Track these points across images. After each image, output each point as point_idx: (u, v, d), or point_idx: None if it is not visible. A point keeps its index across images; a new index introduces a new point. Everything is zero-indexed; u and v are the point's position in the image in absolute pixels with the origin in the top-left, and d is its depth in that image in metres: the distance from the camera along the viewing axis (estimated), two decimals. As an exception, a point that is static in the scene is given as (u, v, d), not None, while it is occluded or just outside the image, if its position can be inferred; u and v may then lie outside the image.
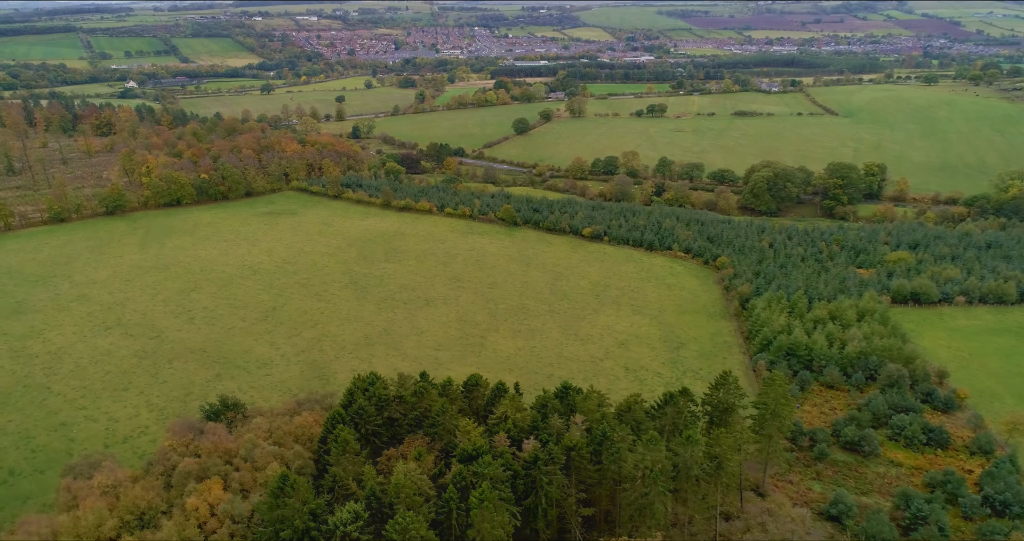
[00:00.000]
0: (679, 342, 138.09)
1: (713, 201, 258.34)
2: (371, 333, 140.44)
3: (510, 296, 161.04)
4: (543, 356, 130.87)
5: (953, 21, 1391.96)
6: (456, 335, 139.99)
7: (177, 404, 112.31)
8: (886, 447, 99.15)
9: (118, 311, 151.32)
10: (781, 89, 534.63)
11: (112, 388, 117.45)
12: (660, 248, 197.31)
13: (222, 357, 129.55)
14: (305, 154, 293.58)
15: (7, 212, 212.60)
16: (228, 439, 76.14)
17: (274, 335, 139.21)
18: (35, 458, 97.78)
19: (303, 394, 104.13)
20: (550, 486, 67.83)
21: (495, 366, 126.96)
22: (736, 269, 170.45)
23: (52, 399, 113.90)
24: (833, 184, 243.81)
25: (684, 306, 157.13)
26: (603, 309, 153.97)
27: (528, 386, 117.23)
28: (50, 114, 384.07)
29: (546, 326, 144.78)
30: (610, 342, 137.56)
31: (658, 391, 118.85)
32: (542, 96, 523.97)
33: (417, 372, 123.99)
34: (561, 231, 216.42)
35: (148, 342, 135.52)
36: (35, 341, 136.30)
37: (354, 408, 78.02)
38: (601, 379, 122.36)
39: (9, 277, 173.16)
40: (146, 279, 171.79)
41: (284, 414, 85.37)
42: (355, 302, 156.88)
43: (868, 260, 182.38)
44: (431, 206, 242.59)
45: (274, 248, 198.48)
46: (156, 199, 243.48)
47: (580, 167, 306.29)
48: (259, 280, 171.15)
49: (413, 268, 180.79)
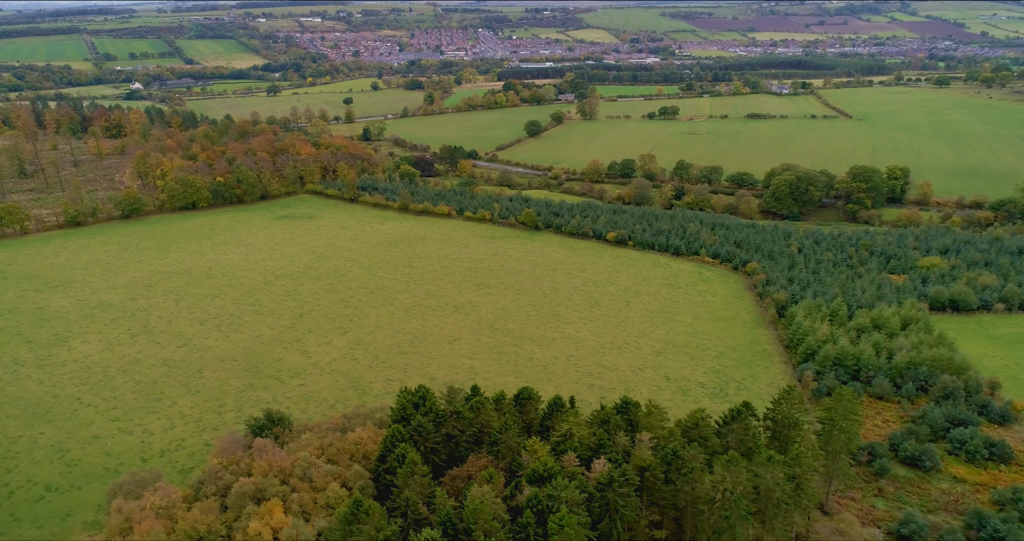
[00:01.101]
0: (717, 351, 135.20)
1: (734, 205, 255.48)
2: (402, 341, 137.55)
3: (540, 302, 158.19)
4: (581, 365, 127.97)
5: (957, 23, 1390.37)
6: (489, 343, 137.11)
7: (212, 415, 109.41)
8: (946, 462, 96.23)
9: (142, 318, 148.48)
10: (791, 91, 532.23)
11: (144, 399, 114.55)
12: (687, 253, 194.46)
13: (252, 366, 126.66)
14: (319, 157, 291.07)
15: (23, 216, 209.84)
16: (281, 457, 73.16)
17: (304, 343, 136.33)
18: (71, 473, 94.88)
19: (348, 407, 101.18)
20: (626, 509, 65.00)
21: (533, 376, 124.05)
22: (768, 275, 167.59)
23: (83, 410, 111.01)
24: (856, 188, 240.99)
25: (717, 313, 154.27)
26: (635, 316, 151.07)
27: (571, 397, 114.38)
28: (59, 116, 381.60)
29: (580, 334, 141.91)
30: (647, 350, 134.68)
31: (703, 402, 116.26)
32: (551, 98, 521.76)
33: (453, 382, 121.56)
34: (584, 235, 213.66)
35: (176, 350, 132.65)
36: (60, 349, 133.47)
37: (412, 425, 75.10)
38: (643, 389, 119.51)
39: (28, 282, 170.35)
40: (168, 285, 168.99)
41: (334, 429, 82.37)
42: (383, 309, 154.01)
43: (900, 266, 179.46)
44: (450, 210, 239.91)
45: (295, 253, 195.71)
46: (172, 203, 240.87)
47: (596, 170, 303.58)
48: (283, 286, 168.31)
49: (438, 274, 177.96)
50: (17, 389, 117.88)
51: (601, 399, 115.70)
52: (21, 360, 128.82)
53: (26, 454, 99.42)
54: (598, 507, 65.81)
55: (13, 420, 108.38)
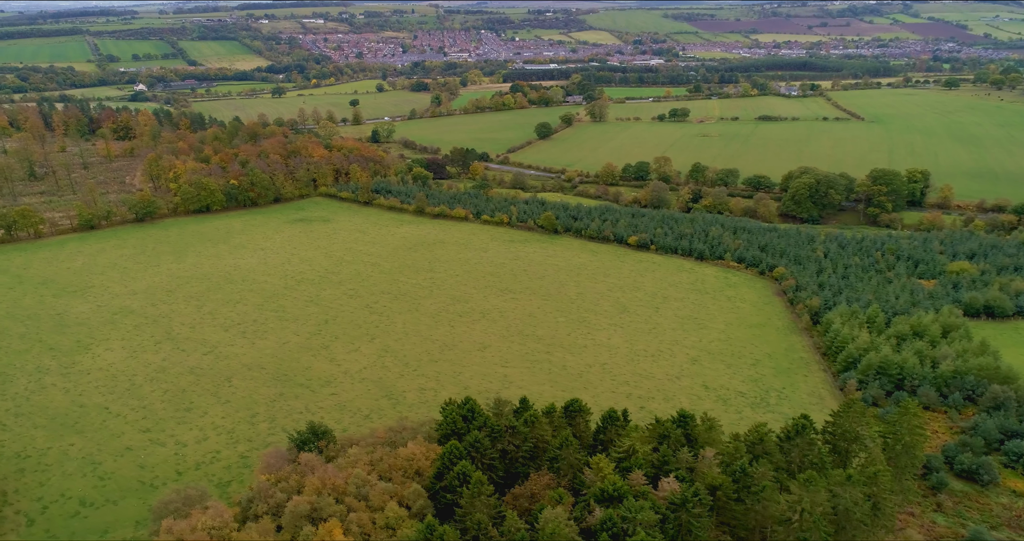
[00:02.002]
0: (753, 358, 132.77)
1: (752, 208, 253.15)
2: (432, 348, 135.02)
3: (568, 308, 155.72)
4: (616, 373, 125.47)
5: (959, 25, 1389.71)
6: (520, 351, 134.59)
7: (245, 426, 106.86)
8: (1003, 475, 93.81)
9: (165, 324, 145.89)
10: (800, 93, 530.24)
11: (173, 408, 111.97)
12: (711, 258, 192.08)
13: (282, 374, 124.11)
14: (332, 159, 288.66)
15: (37, 219, 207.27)
16: (333, 473, 70.60)
17: (332, 350, 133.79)
18: (105, 487, 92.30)
19: (385, 418, 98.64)
20: (700, 530, 62.60)
21: (568, 384, 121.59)
22: (798, 281, 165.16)
23: (112, 421, 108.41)
24: (877, 191, 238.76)
25: (748, 319, 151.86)
26: (666, 323, 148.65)
27: (610, 407, 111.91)
28: (67, 118, 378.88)
29: (612, 340, 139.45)
30: (682, 358, 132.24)
31: (745, 412, 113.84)
32: (559, 100, 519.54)
33: (488, 391, 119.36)
34: (604, 239, 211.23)
35: (202, 358, 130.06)
36: (84, 356, 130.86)
37: (468, 440, 72.64)
38: (682, 399, 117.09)
39: (46, 287, 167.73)
40: (188, 290, 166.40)
41: (381, 444, 79.77)
42: (408, 315, 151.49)
43: (928, 270, 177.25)
44: (467, 213, 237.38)
45: (313, 257, 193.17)
46: (185, 206, 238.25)
47: (611, 172, 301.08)
48: (305, 291, 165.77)
49: (461, 278, 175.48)
50: (43, 398, 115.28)
51: (640, 409, 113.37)
52: (45, 368, 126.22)
53: (57, 466, 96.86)
54: (672, 529, 63.33)
55: (41, 431, 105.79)
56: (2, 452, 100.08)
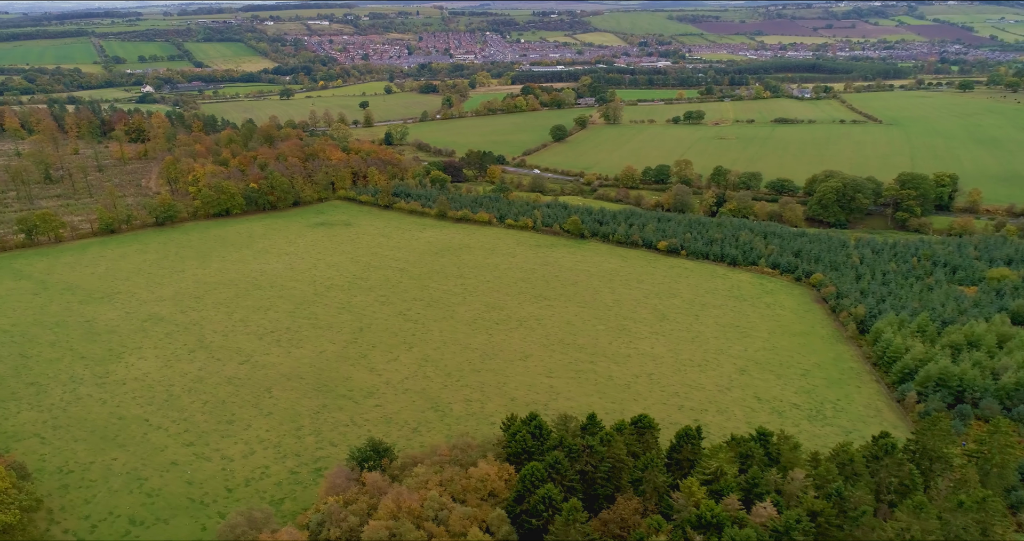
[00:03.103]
0: (802, 368, 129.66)
1: (777, 212, 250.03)
2: (472, 358, 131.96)
3: (605, 316, 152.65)
4: (665, 384, 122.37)
5: (965, 27, 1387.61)
6: (563, 360, 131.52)
7: (291, 439, 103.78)
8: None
9: (196, 332, 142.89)
10: (813, 95, 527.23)
11: (215, 421, 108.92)
12: (744, 263, 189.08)
13: (322, 385, 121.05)
14: (350, 162, 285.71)
15: (58, 223, 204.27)
16: (407, 496, 67.52)
17: (370, 360, 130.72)
18: (154, 504, 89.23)
19: (433, 432, 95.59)
20: (805, 560, 59.70)
21: (616, 395, 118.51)
22: (838, 288, 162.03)
23: (154, 434, 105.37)
24: (906, 195, 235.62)
25: (790, 327, 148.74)
26: (708, 331, 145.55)
27: (664, 421, 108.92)
28: (79, 120, 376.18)
29: (655, 349, 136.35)
30: (729, 368, 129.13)
31: (802, 424, 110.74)
32: (571, 102, 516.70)
33: (535, 402, 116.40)
34: (632, 244, 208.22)
35: (239, 368, 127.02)
36: (117, 366, 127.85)
37: (548, 461, 69.59)
38: (735, 411, 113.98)
39: (72, 294, 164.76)
40: (216, 296, 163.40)
41: (448, 462, 76.71)
42: (444, 323, 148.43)
43: (967, 277, 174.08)
44: (490, 217, 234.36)
45: (340, 262, 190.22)
46: (205, 209, 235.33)
47: (631, 176, 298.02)
48: (335, 298, 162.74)
49: (492, 285, 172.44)
50: (80, 410, 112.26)
51: (695, 422, 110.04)
52: (78, 378, 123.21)
53: (102, 482, 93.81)
54: (776, 557, 60.45)
55: (82, 444, 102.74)
56: (44, 467, 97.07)
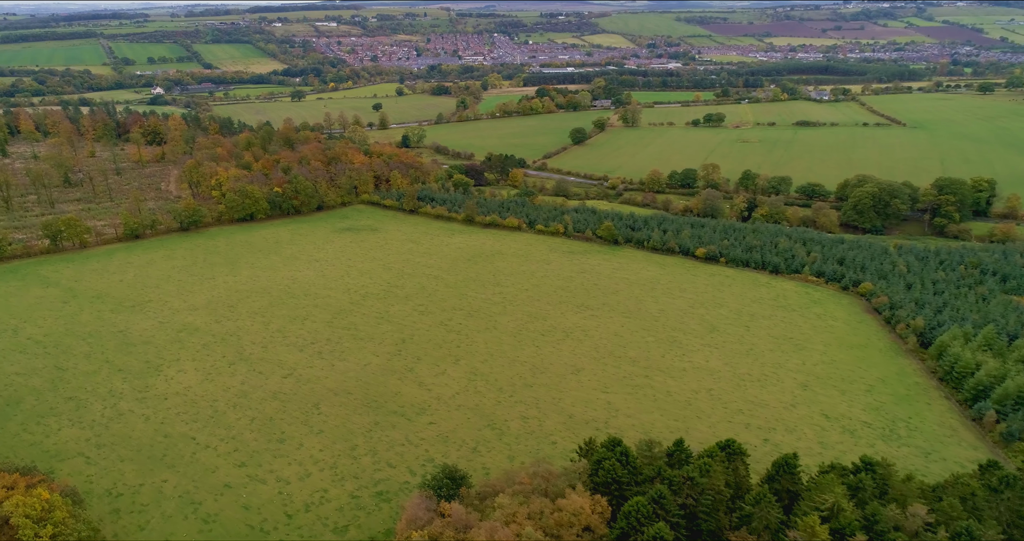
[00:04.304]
0: (865, 384, 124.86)
1: (810, 217, 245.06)
2: (523, 371, 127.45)
3: (653, 327, 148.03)
4: (727, 401, 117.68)
5: (975, 28, 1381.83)
6: (616, 374, 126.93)
7: (347, 460, 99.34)
8: None
9: (234, 343, 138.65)
10: (832, 98, 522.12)
11: (265, 439, 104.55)
12: (786, 271, 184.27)
13: (371, 400, 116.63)
14: (372, 165, 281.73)
15: (83, 229, 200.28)
16: (501, 532, 63.08)
17: (417, 373, 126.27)
18: (212, 531, 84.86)
19: (494, 453, 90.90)
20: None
21: (678, 413, 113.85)
22: (891, 298, 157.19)
23: (203, 453, 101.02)
24: (945, 201, 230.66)
25: (847, 340, 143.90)
26: (761, 343, 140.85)
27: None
28: (95, 122, 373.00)
29: (710, 363, 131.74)
30: (790, 383, 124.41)
31: (878, 445, 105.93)
32: (587, 104, 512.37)
33: (594, 420, 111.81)
34: (668, 251, 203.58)
35: (283, 382, 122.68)
36: (156, 379, 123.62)
37: (652, 494, 65.16)
38: (805, 430, 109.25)
39: (103, 302, 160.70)
40: (250, 305, 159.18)
41: (532, 492, 72.19)
42: (488, 334, 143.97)
43: (1018, 286, 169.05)
44: (519, 222, 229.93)
45: (371, 269, 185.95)
46: (230, 214, 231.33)
47: (657, 180, 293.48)
48: (372, 307, 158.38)
49: (531, 293, 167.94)
50: (123, 427, 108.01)
51: (765, 442, 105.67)
52: (118, 392, 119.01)
53: (155, 507, 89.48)
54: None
55: (129, 464, 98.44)
56: (92, 489, 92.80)
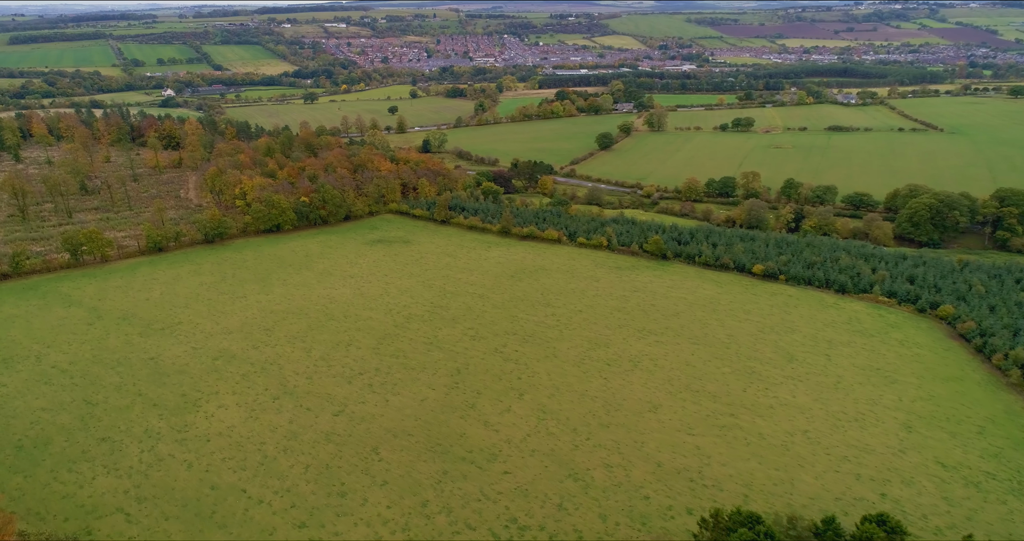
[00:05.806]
0: (975, 425, 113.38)
1: (862, 229, 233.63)
2: (594, 408, 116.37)
3: (725, 355, 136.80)
4: (827, 445, 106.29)
5: (989, 30, 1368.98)
6: (698, 412, 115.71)
7: (419, 520, 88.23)
8: None
9: (276, 373, 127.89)
10: (859, 101, 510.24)
11: (324, 493, 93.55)
12: (854, 291, 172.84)
13: (435, 444, 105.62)
14: (400, 173, 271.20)
15: (105, 242, 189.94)
16: None
17: (480, 410, 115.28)
18: (278, 612, 73.91)
19: (581, 511, 79.60)
20: None
21: (778, 461, 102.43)
22: (979, 323, 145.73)
23: (256, 510, 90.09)
24: (1008, 213, 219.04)
25: (937, 371, 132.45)
26: (848, 375, 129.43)
27: (846, 496, 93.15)
28: (109, 126, 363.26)
29: (797, 399, 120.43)
30: (891, 424, 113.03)
31: (1010, 501, 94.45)
32: (609, 108, 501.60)
33: (686, 469, 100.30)
34: (721, 267, 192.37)
35: (334, 420, 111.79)
36: (196, 416, 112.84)
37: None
38: (923, 481, 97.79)
39: (130, 324, 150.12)
40: (288, 329, 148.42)
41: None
42: (548, 363, 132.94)
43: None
44: (559, 235, 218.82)
45: (411, 287, 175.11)
46: (256, 225, 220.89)
47: (694, 188, 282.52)
48: (419, 331, 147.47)
49: (586, 315, 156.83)
50: (164, 475, 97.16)
51: (882, 497, 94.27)
52: (155, 432, 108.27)
53: (209, 579, 78.73)
54: None
55: (175, 522, 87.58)
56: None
